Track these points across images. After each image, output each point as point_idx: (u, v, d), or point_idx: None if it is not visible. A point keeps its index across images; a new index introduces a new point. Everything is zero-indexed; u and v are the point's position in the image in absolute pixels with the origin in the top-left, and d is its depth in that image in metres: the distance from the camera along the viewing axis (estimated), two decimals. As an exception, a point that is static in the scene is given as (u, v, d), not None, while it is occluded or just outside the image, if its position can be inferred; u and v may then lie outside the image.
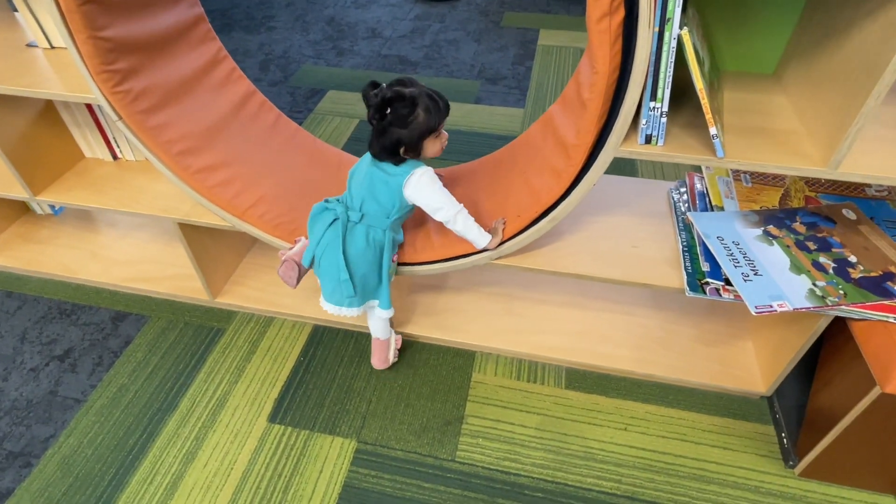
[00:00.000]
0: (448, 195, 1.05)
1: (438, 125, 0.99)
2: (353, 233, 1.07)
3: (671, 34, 0.75)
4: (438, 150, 1.03)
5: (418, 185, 1.03)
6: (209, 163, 1.20)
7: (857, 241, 1.09)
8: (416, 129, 0.97)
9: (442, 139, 1.03)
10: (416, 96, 0.96)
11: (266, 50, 2.84)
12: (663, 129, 0.86)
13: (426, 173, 1.03)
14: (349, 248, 1.07)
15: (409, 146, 0.99)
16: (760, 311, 0.96)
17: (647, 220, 1.22)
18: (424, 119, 0.96)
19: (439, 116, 0.98)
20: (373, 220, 1.07)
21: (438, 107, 0.98)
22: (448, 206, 1.04)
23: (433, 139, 1.01)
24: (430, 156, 1.04)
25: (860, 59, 0.77)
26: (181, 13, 1.18)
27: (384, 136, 0.98)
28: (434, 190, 1.04)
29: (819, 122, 0.87)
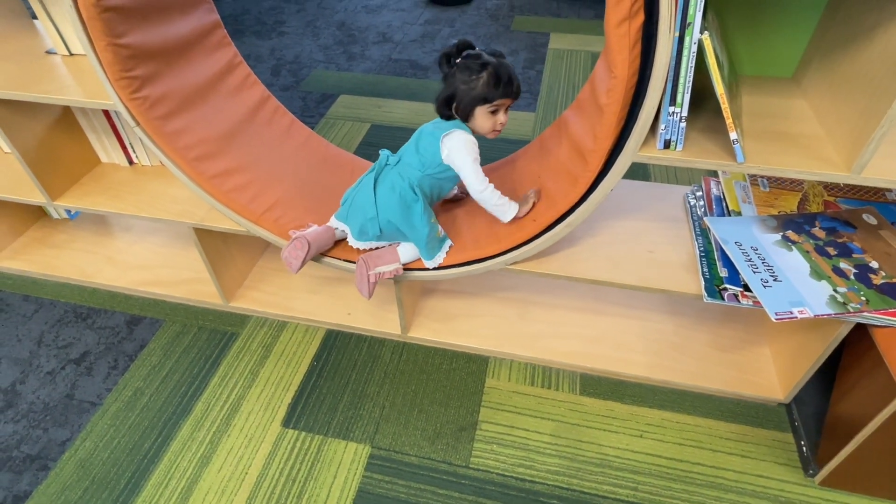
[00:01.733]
0: (478, 170, 1.06)
1: (495, 99, 0.99)
2: (386, 176, 1.11)
3: (692, 39, 0.75)
4: (489, 129, 1.04)
5: (454, 145, 1.04)
6: (225, 168, 1.20)
7: (878, 246, 1.07)
8: (472, 90, 0.99)
9: (496, 119, 1.02)
10: (490, 63, 0.98)
11: (277, 55, 2.86)
12: (682, 134, 0.85)
13: (468, 139, 1.04)
14: (379, 187, 1.11)
15: (461, 105, 1.01)
16: (781, 317, 0.95)
17: (663, 225, 1.21)
18: (484, 84, 0.98)
19: (499, 91, 0.98)
20: (405, 169, 1.09)
21: (502, 81, 0.98)
22: (475, 180, 1.05)
23: (486, 112, 1.01)
24: (480, 131, 1.04)
25: (885, 61, 0.76)
26: (198, 19, 1.19)
27: (445, 84, 1.02)
28: (466, 157, 1.04)
29: (841, 126, 0.86)
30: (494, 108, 1.01)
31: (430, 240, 1.13)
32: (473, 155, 1.05)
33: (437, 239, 1.15)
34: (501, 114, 1.03)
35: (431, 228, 1.13)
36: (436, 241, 1.15)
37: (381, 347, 1.41)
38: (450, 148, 1.04)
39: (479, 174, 1.06)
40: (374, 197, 1.10)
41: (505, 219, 1.11)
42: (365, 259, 1.16)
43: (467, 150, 1.04)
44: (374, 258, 1.17)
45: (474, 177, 1.06)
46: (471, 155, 1.04)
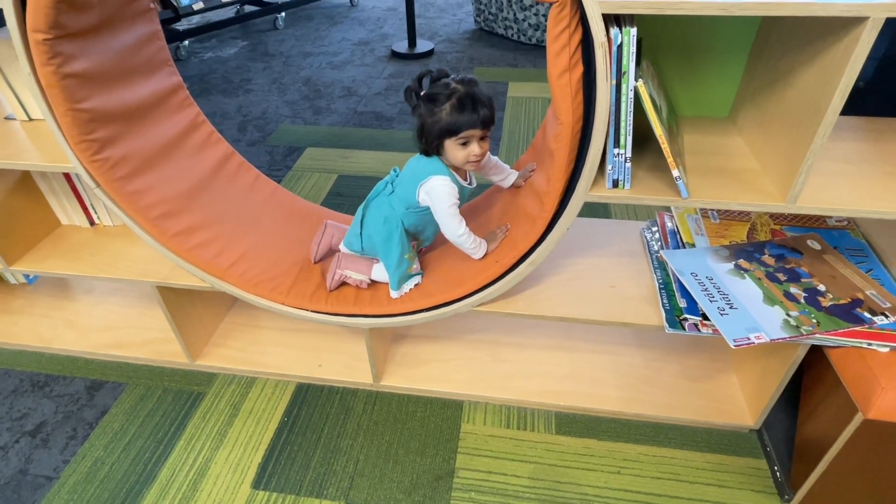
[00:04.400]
0: (454, 215, 1.05)
1: (461, 130, 0.94)
2: (380, 202, 1.13)
3: (628, 86, 0.80)
4: (463, 160, 0.98)
5: (431, 192, 1.04)
6: (188, 225, 1.20)
7: (823, 270, 1.13)
8: (436, 122, 0.95)
9: (469, 150, 0.97)
10: (455, 91, 0.93)
11: (244, 112, 2.91)
12: (629, 174, 0.90)
13: (442, 187, 1.01)
14: (369, 211, 1.15)
15: (429, 139, 0.98)
16: (739, 344, 0.98)
17: (623, 260, 1.25)
18: (447, 115, 0.93)
19: (466, 119, 0.93)
20: (395, 201, 1.10)
21: (466, 110, 0.92)
22: (451, 227, 1.06)
23: (456, 143, 0.96)
24: (455, 162, 1.00)
25: (804, 102, 0.83)
26: (159, 82, 1.22)
27: (414, 116, 0.99)
28: (441, 205, 1.03)
29: (774, 160, 0.92)
30: (463, 140, 0.96)
31: (398, 271, 1.15)
32: (449, 202, 1.03)
33: (406, 273, 1.17)
34: (474, 144, 0.96)
35: (401, 261, 1.14)
36: (405, 275, 1.17)
37: (354, 398, 1.38)
38: (426, 194, 1.05)
39: (453, 220, 1.05)
40: (362, 217, 1.16)
41: (475, 257, 1.13)
42: (340, 257, 1.22)
43: (441, 199, 1.03)
44: (349, 260, 1.22)
45: (450, 223, 1.06)
46: (446, 202, 1.03)
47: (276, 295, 1.23)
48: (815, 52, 0.80)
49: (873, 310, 1.03)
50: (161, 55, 1.23)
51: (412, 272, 1.18)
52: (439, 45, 3.69)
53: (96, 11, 0.99)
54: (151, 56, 1.19)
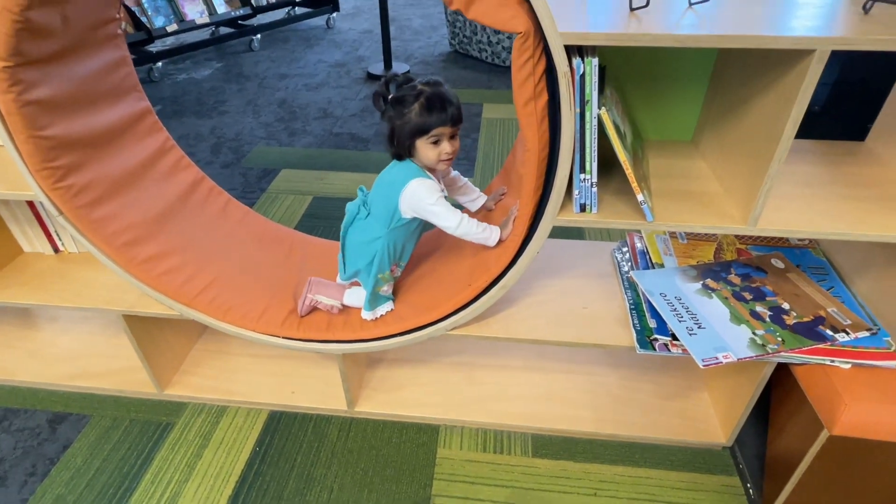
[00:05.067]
0: (445, 208, 1.01)
1: (431, 128, 0.94)
2: (357, 227, 1.11)
3: (591, 114, 0.82)
4: (435, 160, 0.98)
5: (413, 196, 1.00)
6: (156, 251, 1.18)
7: (787, 288, 1.16)
8: (406, 123, 0.95)
9: (441, 148, 0.97)
10: (422, 92, 0.93)
11: (218, 133, 2.89)
12: (595, 198, 0.92)
13: (423, 184, 0.99)
14: (348, 238, 1.13)
15: (400, 141, 0.97)
16: (707, 363, 1.00)
17: (595, 281, 1.26)
18: (416, 115, 0.94)
19: (433, 119, 0.94)
20: (374, 224, 1.08)
21: (435, 109, 0.93)
22: (447, 220, 1.01)
23: (427, 143, 0.96)
24: (428, 163, 1.00)
25: (761, 128, 0.86)
26: (127, 108, 1.21)
27: (384, 122, 0.99)
28: (427, 205, 1.00)
29: (735, 183, 0.95)
30: (434, 139, 0.96)
31: (373, 294, 1.14)
32: (433, 198, 1.00)
33: (378, 294, 1.15)
34: (445, 143, 0.97)
35: (377, 282, 1.13)
36: (377, 296, 1.16)
37: (328, 425, 1.36)
38: (408, 204, 1.02)
39: (447, 213, 1.01)
40: (344, 243, 1.14)
41: (490, 244, 1.05)
42: (311, 282, 1.21)
43: (424, 197, 1.00)
44: (321, 286, 1.21)
45: (444, 218, 1.01)
46: (431, 198, 1.00)
47: (246, 322, 1.21)
48: (770, 81, 0.83)
49: (835, 327, 1.06)
50: (129, 81, 1.21)
51: (384, 294, 1.17)
52: (415, 67, 3.74)
53: (60, 38, 0.98)
54: (119, 82, 1.18)
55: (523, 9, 0.75)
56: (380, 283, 1.14)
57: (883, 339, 1.04)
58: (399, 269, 1.18)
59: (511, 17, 0.76)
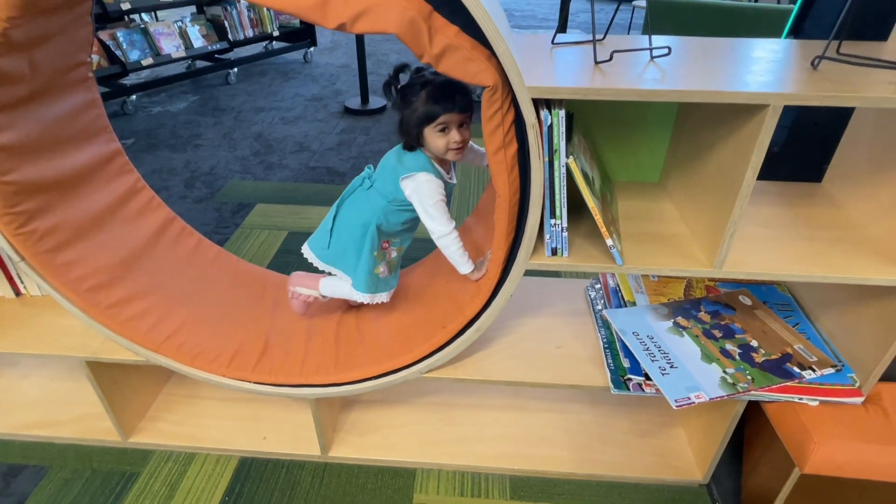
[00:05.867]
0: (439, 213, 1.00)
1: (438, 115, 0.94)
2: (357, 197, 1.09)
3: (560, 162, 0.84)
4: (444, 148, 0.97)
5: (418, 188, 1.00)
6: (123, 296, 1.15)
7: (755, 325, 1.18)
8: (414, 112, 0.95)
9: (449, 137, 0.96)
10: (431, 80, 0.94)
11: (192, 167, 2.86)
12: (566, 242, 0.93)
13: (426, 183, 0.99)
14: (344, 206, 1.10)
15: (408, 130, 0.97)
16: (680, 404, 1.01)
17: (569, 320, 1.27)
18: (423, 103, 0.94)
19: (440, 106, 0.93)
20: (375, 196, 1.06)
21: (444, 96, 0.93)
22: (435, 225, 1.00)
23: (435, 131, 0.95)
24: (437, 152, 0.98)
25: (722, 174, 0.89)
26: (96, 150, 1.19)
27: (394, 110, 1.00)
28: (425, 202, 1.00)
29: (701, 226, 0.98)
30: (442, 126, 0.95)
31: (366, 269, 1.10)
32: (434, 199, 0.99)
33: (374, 275, 1.12)
34: (454, 131, 0.96)
35: (371, 259, 1.09)
36: (373, 276, 1.11)
37: (301, 472, 1.32)
38: (413, 190, 1.01)
39: (441, 218, 1.00)
40: (335, 214, 1.11)
41: (461, 270, 1.05)
42: (294, 275, 1.24)
43: (427, 195, 0.99)
44: (300, 278, 1.23)
45: (437, 221, 1.00)
46: (431, 199, 0.99)
47: (216, 367, 1.18)
48: (729, 129, 0.87)
49: (802, 364, 1.08)
50: (98, 122, 1.20)
51: (382, 276, 1.12)
52: (392, 101, 3.78)
53: (27, 84, 0.97)
54: (88, 124, 1.17)
55: (492, 63, 0.78)
56: (374, 261, 1.10)
57: (847, 375, 1.07)
58: (393, 251, 1.14)
59: (479, 71, 0.78)
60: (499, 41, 0.73)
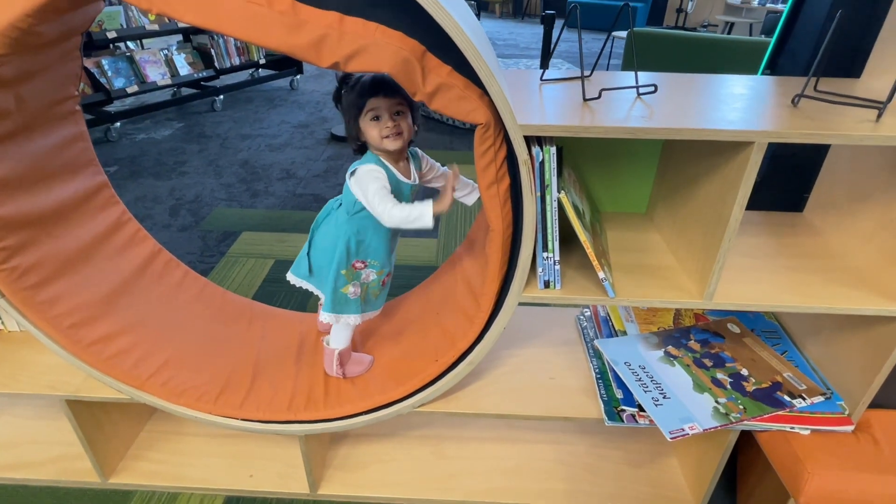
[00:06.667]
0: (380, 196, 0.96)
1: (365, 101, 0.94)
2: (329, 218, 1.09)
3: (552, 197, 0.85)
4: (378, 137, 0.96)
5: (359, 181, 0.97)
6: (106, 332, 1.12)
7: (744, 353, 1.19)
8: (347, 106, 0.97)
9: (382, 124, 0.95)
10: (360, 78, 0.95)
11: (177, 195, 2.84)
12: (559, 275, 0.94)
13: (365, 171, 0.97)
14: (320, 229, 1.10)
15: (349, 129, 0.99)
16: (675, 436, 1.00)
17: (560, 349, 1.27)
18: (348, 96, 0.96)
19: (359, 94, 0.94)
20: (341, 213, 1.05)
21: (371, 87, 0.94)
22: (377, 208, 0.96)
23: (369, 121, 0.96)
24: (375, 143, 0.97)
25: (709, 208, 0.91)
26: (81, 183, 1.17)
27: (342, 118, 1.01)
28: (366, 188, 0.97)
29: (689, 257, 0.99)
30: (374, 115, 0.95)
31: (334, 287, 1.07)
32: (375, 185, 0.96)
33: (344, 296, 1.08)
34: (386, 118, 0.95)
35: (337, 277, 1.06)
36: (340, 296, 1.08)
37: (289, 511, 1.28)
38: (354, 183, 0.99)
39: (382, 202, 0.96)
40: (311, 238, 1.11)
41: (427, 223, 0.95)
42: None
43: (365, 183, 0.97)
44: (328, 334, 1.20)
45: (375, 205, 0.96)
46: (371, 185, 0.96)
47: (202, 404, 1.15)
48: (715, 164, 0.89)
49: (792, 392, 1.09)
50: (85, 156, 1.19)
51: (351, 296, 1.09)
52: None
53: (13, 119, 0.96)
54: (74, 157, 1.15)
55: (483, 101, 0.79)
56: (342, 279, 1.07)
57: (836, 403, 1.08)
58: (371, 273, 1.09)
59: (472, 109, 0.79)
60: (492, 82, 0.75)
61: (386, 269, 1.12)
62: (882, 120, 0.81)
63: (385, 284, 1.14)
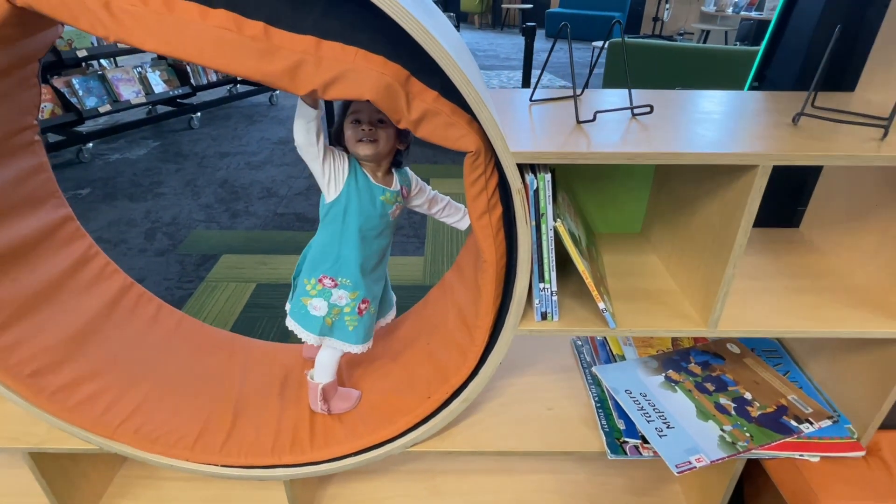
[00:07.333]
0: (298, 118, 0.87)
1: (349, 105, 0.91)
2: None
3: (547, 226, 0.80)
4: (353, 139, 0.92)
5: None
6: (72, 378, 1.04)
7: (746, 375, 1.15)
8: (339, 107, 0.94)
9: (359, 128, 0.91)
10: None
11: (153, 217, 2.74)
12: (556, 306, 0.89)
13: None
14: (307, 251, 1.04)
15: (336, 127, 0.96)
16: (681, 469, 0.95)
17: (557, 377, 1.22)
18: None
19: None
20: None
21: None
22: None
23: (349, 123, 0.92)
24: (350, 145, 0.93)
25: (709, 231, 0.87)
26: (43, 218, 1.10)
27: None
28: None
29: (690, 282, 0.95)
30: (354, 117, 0.91)
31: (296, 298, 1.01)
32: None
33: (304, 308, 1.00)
34: (365, 123, 0.91)
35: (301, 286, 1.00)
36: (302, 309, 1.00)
37: (275, 559, 1.20)
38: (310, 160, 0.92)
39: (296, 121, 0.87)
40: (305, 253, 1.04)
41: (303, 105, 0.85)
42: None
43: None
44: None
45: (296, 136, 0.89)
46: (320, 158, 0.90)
47: (178, 451, 1.07)
48: (715, 186, 0.85)
49: (798, 417, 1.05)
50: (46, 188, 1.11)
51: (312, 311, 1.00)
52: (360, 142, 3.76)
53: (-37, 154, 0.89)
54: (34, 190, 1.08)
55: (472, 128, 0.74)
56: (304, 290, 0.99)
57: (844, 426, 1.04)
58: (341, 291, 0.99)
59: (461, 136, 0.74)
60: (481, 108, 0.70)
61: (360, 292, 1.01)
62: (888, 139, 0.78)
63: (363, 314, 1.03)
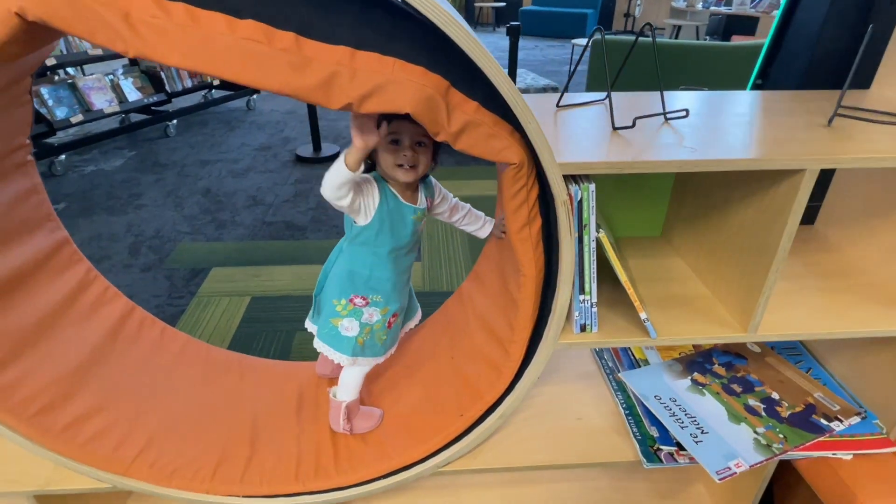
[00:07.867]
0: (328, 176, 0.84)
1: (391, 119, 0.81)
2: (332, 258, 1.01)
3: (590, 237, 0.78)
4: (391, 164, 0.86)
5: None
6: (79, 413, 0.98)
7: (770, 375, 1.15)
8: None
9: (399, 151, 0.84)
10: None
11: (135, 231, 2.64)
12: (595, 317, 0.86)
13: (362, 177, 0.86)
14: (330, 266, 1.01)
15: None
16: (722, 476, 0.94)
17: (582, 384, 1.20)
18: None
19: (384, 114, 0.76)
20: (343, 239, 0.98)
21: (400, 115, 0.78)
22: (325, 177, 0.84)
23: (386, 143, 0.85)
24: (386, 167, 0.87)
25: (748, 237, 0.86)
26: (38, 243, 1.03)
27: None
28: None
29: (724, 287, 0.94)
30: (394, 137, 0.84)
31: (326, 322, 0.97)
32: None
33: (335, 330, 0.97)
34: (406, 146, 0.84)
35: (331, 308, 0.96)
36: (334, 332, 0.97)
37: (299, 588, 1.15)
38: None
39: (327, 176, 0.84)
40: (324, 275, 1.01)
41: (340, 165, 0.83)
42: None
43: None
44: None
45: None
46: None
47: (197, 483, 1.02)
48: (752, 191, 0.84)
49: (827, 415, 1.05)
50: (41, 211, 1.04)
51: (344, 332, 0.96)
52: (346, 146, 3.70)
53: (-44, 180, 0.82)
54: (28, 214, 1.01)
55: (515, 139, 0.71)
56: (334, 311, 0.96)
57: (873, 422, 1.05)
58: (372, 309, 0.96)
59: (503, 147, 0.71)
60: (529, 118, 0.67)
61: (392, 307, 0.98)
62: (926, 138, 0.78)
63: (391, 326, 1.01)
